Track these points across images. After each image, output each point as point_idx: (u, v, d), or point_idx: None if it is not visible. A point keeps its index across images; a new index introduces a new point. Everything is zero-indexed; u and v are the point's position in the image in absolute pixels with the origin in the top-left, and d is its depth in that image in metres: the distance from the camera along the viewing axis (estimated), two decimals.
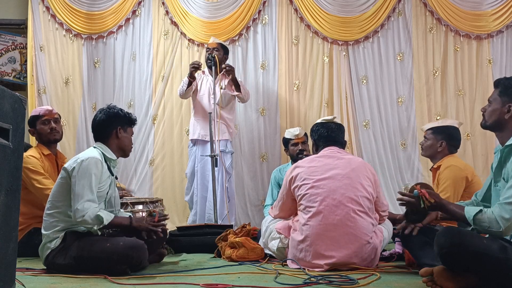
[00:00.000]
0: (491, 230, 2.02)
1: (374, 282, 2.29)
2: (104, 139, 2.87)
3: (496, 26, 5.31)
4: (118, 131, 2.86)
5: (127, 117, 2.92)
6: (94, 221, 2.62)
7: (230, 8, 5.31)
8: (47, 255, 2.66)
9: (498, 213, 2.01)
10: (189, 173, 4.68)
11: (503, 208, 2.00)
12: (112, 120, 2.87)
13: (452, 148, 3.40)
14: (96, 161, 2.70)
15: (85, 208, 2.59)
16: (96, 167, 2.69)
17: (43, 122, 3.55)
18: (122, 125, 2.88)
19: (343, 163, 2.83)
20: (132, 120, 2.96)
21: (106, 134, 2.87)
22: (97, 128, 2.90)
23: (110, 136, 2.86)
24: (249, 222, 4.67)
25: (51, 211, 2.72)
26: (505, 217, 1.98)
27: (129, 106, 5.32)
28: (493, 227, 2.01)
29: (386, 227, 2.97)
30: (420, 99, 5.31)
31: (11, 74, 5.49)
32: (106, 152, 2.82)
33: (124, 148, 2.91)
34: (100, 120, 2.88)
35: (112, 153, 2.85)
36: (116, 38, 5.40)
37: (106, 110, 2.90)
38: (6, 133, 1.57)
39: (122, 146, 2.90)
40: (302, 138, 4.20)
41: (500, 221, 1.99)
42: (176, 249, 3.53)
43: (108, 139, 2.86)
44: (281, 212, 3.06)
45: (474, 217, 2.06)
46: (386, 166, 5.21)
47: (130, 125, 2.95)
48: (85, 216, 2.59)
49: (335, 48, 5.34)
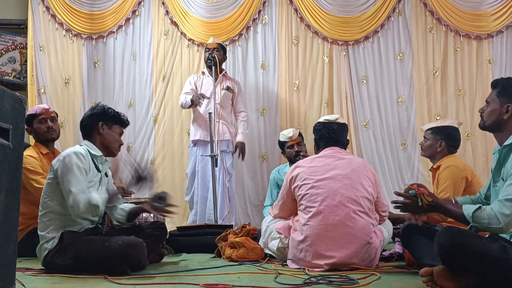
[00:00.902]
0: (491, 226, 2.01)
1: (374, 282, 2.29)
2: (89, 136, 2.85)
3: (496, 26, 5.31)
4: (100, 126, 2.83)
5: (112, 115, 2.88)
6: (88, 209, 2.60)
7: (230, 8, 5.31)
8: (45, 255, 2.65)
9: (498, 209, 2.00)
10: (190, 173, 4.69)
11: (503, 204, 1.99)
12: (95, 116, 2.85)
13: (452, 148, 3.40)
14: (76, 153, 2.67)
15: (76, 200, 2.57)
16: (77, 158, 2.65)
17: (39, 121, 3.55)
18: (105, 121, 2.85)
19: (343, 163, 2.83)
20: (119, 119, 2.90)
21: (89, 130, 2.85)
22: (81, 124, 2.90)
23: (93, 132, 2.84)
24: (249, 222, 4.68)
25: (44, 211, 2.71)
26: (505, 213, 1.98)
27: (129, 106, 5.32)
28: (493, 224, 2.00)
29: (386, 227, 2.97)
30: (420, 99, 5.31)
31: (11, 74, 5.49)
32: (91, 149, 2.80)
33: (107, 145, 2.85)
34: (85, 117, 2.88)
35: (97, 150, 2.82)
36: (116, 38, 5.40)
37: (92, 108, 2.93)
38: (6, 133, 1.57)
39: (106, 143, 2.85)
40: (297, 139, 4.15)
41: (500, 217, 1.98)
42: (176, 249, 3.53)
43: (91, 136, 2.84)
44: (281, 211, 3.06)
45: (473, 214, 2.05)
46: (386, 166, 5.21)
47: (116, 123, 2.89)
48: (80, 208, 2.57)
49: (335, 48, 5.34)
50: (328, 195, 2.71)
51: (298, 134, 4.19)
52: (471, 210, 2.07)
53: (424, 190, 2.21)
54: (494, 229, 2.02)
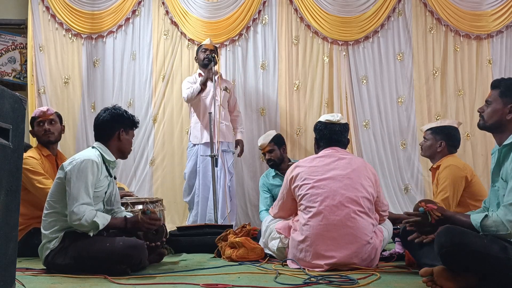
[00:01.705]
0: (499, 233, 2.02)
1: (374, 282, 2.29)
2: (105, 140, 2.84)
3: (496, 26, 5.31)
4: (120, 133, 2.83)
5: (130, 120, 2.89)
6: (90, 225, 2.60)
7: (230, 8, 5.31)
8: (47, 255, 2.66)
9: (503, 216, 2.00)
10: (188, 173, 4.66)
11: (508, 210, 2.00)
12: (116, 121, 2.84)
13: (452, 148, 3.40)
14: (92, 162, 2.67)
15: (81, 211, 2.58)
16: (92, 169, 2.66)
17: (38, 123, 3.56)
18: (125, 127, 2.85)
19: (343, 163, 2.83)
20: (135, 123, 2.92)
21: (108, 135, 2.84)
22: (100, 127, 2.86)
23: (111, 138, 2.83)
24: (249, 222, 4.67)
25: (48, 211, 2.71)
26: (511, 219, 1.98)
27: (129, 106, 5.32)
28: (501, 230, 2.01)
29: (386, 227, 2.97)
30: (420, 99, 5.31)
31: (11, 74, 5.49)
32: (105, 153, 2.80)
33: (124, 151, 2.89)
34: (104, 120, 2.84)
35: (111, 155, 2.82)
36: (116, 37, 5.39)
37: (111, 110, 2.86)
38: (6, 133, 1.57)
39: (123, 149, 2.87)
40: (267, 148, 4.21)
41: (507, 223, 1.98)
42: (176, 249, 3.53)
43: (109, 140, 2.83)
44: (280, 211, 3.06)
45: (481, 223, 2.06)
46: (386, 166, 5.21)
47: (132, 127, 2.91)
48: (81, 220, 2.57)
49: (335, 48, 5.34)
50: (328, 195, 2.71)
51: (269, 141, 4.21)
52: (478, 220, 2.07)
53: (432, 206, 2.22)
54: (503, 236, 2.02)
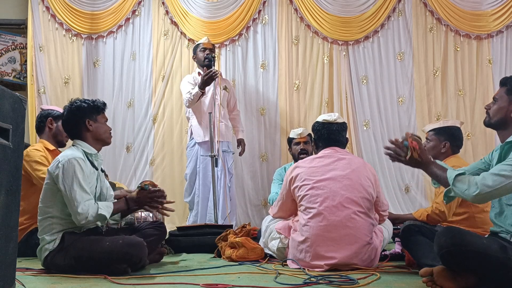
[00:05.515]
0: (466, 192, 2.01)
1: (374, 282, 2.29)
2: (78, 136, 2.80)
3: (496, 26, 5.31)
4: (87, 124, 2.78)
5: (91, 106, 2.82)
6: (97, 218, 2.62)
7: (230, 8, 5.31)
8: (46, 256, 2.65)
9: (481, 179, 2.00)
10: (189, 173, 4.65)
11: (489, 176, 2.00)
12: (77, 115, 2.78)
13: (455, 148, 3.35)
14: (77, 160, 2.63)
15: (84, 210, 2.57)
16: (79, 166, 2.63)
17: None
18: (89, 116, 2.79)
19: (343, 163, 2.83)
20: (98, 107, 2.84)
21: (77, 131, 2.79)
22: (67, 128, 2.85)
23: (82, 131, 2.79)
24: (249, 222, 4.67)
25: (43, 216, 2.68)
26: (487, 184, 1.97)
27: (129, 106, 5.32)
28: (470, 190, 2.00)
29: (386, 227, 2.97)
30: (421, 99, 5.31)
31: (11, 74, 5.49)
32: (85, 148, 2.76)
33: (101, 138, 2.83)
34: (67, 119, 2.82)
35: (91, 148, 2.78)
36: (116, 37, 5.40)
37: (68, 108, 2.82)
38: (6, 133, 1.57)
39: (98, 136, 2.82)
40: (305, 138, 4.23)
41: (480, 186, 1.98)
42: (176, 249, 3.53)
43: (82, 135, 2.79)
44: (280, 211, 3.06)
45: (456, 177, 2.06)
46: (386, 166, 5.21)
47: (98, 112, 2.84)
48: (88, 217, 2.58)
49: (335, 48, 5.34)
50: (328, 196, 2.71)
51: (307, 133, 4.25)
52: (454, 173, 2.07)
53: (416, 144, 2.20)
54: (467, 196, 2.02)
